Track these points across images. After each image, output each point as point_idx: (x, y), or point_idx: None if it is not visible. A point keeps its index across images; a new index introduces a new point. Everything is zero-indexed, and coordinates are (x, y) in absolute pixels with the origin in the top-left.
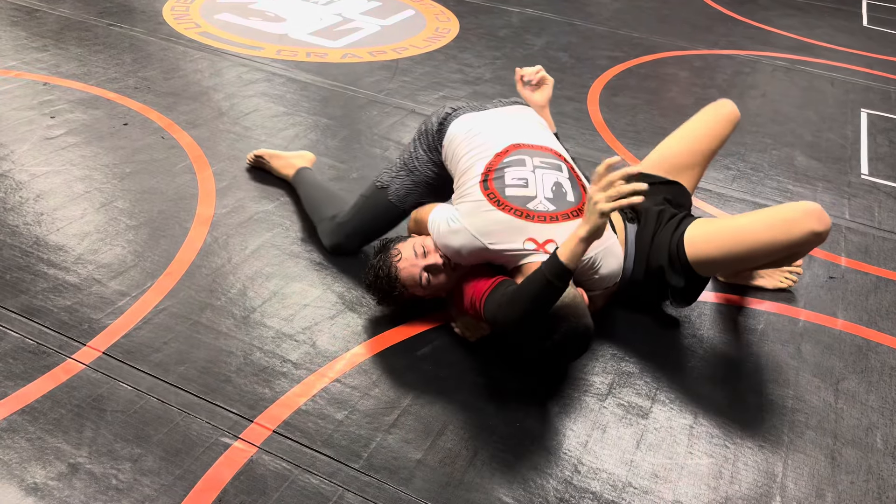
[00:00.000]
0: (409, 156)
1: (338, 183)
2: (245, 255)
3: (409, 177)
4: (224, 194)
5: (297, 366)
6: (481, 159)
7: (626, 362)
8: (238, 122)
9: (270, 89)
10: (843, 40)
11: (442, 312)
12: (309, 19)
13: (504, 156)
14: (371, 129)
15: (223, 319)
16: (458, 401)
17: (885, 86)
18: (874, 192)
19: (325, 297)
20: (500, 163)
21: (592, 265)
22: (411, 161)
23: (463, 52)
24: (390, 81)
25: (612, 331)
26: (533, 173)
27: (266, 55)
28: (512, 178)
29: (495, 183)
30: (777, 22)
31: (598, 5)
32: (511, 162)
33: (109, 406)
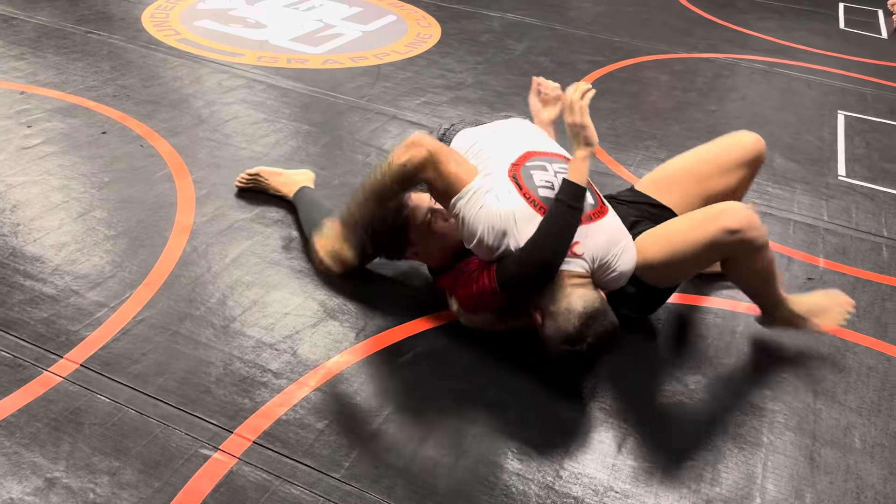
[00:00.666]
0: None
1: (320, 189)
2: (225, 264)
3: None
4: (204, 203)
5: (277, 375)
6: (500, 166)
7: (606, 366)
8: (218, 130)
9: (251, 96)
10: (819, 43)
11: (422, 320)
12: (290, 25)
13: (525, 160)
14: (353, 136)
15: (203, 329)
16: (440, 408)
17: (861, 88)
18: (851, 194)
19: (306, 305)
20: (524, 166)
21: (609, 264)
22: None
23: (444, 58)
24: (372, 87)
25: None
26: (555, 178)
27: (246, 62)
28: (540, 181)
29: (526, 182)
30: (755, 25)
31: (579, 10)
32: (534, 166)
33: (87, 419)
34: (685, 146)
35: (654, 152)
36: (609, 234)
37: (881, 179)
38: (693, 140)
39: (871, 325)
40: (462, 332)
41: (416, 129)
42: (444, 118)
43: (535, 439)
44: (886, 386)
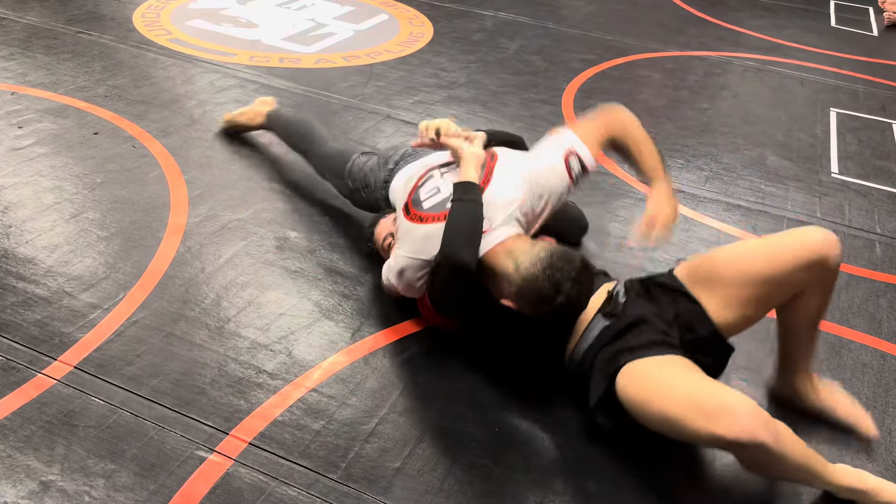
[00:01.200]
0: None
1: (313, 189)
2: (219, 265)
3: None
4: (197, 203)
5: (272, 376)
6: (403, 194)
7: None
8: (211, 130)
9: (243, 96)
10: (811, 40)
11: (418, 321)
12: (282, 25)
13: (420, 180)
14: (346, 135)
15: (197, 331)
16: (436, 408)
17: (853, 85)
18: (844, 191)
19: (301, 305)
20: (416, 187)
21: (534, 209)
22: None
23: (437, 57)
24: (365, 86)
25: None
26: (442, 178)
27: (239, 61)
28: (425, 193)
29: (415, 206)
30: (747, 23)
31: (571, 8)
32: (424, 182)
33: (82, 421)
34: (678, 144)
35: None
36: (514, 180)
37: (874, 176)
38: (686, 138)
39: (866, 321)
40: (459, 335)
41: (409, 129)
42: (437, 117)
43: (532, 440)
44: (881, 382)
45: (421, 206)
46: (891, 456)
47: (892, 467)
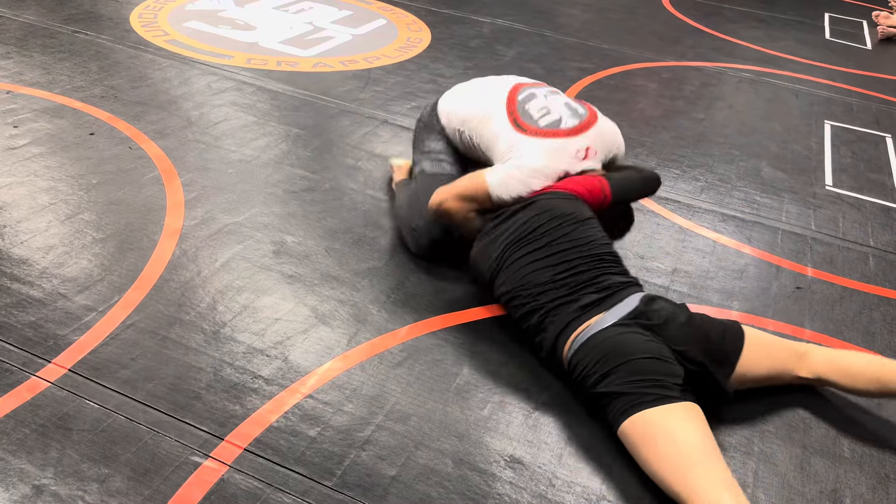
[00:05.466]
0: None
1: (310, 194)
2: (215, 268)
3: (429, 154)
4: (193, 205)
5: (268, 381)
6: (496, 107)
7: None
8: (207, 132)
9: (240, 98)
10: (806, 52)
11: (413, 327)
12: (279, 28)
13: (516, 94)
14: (343, 139)
15: (192, 334)
16: (432, 415)
17: (847, 98)
18: (838, 203)
19: (298, 310)
20: (517, 101)
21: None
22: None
23: (435, 62)
24: (362, 91)
25: None
26: (546, 99)
27: (236, 64)
28: (537, 111)
29: (525, 119)
30: (742, 34)
31: (568, 17)
32: (525, 98)
33: (75, 425)
34: (674, 154)
35: (644, 159)
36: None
37: (867, 189)
38: (682, 148)
39: (860, 334)
40: (455, 339)
41: (406, 134)
42: None
43: (528, 446)
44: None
45: (536, 123)
46: (883, 469)
47: (885, 480)
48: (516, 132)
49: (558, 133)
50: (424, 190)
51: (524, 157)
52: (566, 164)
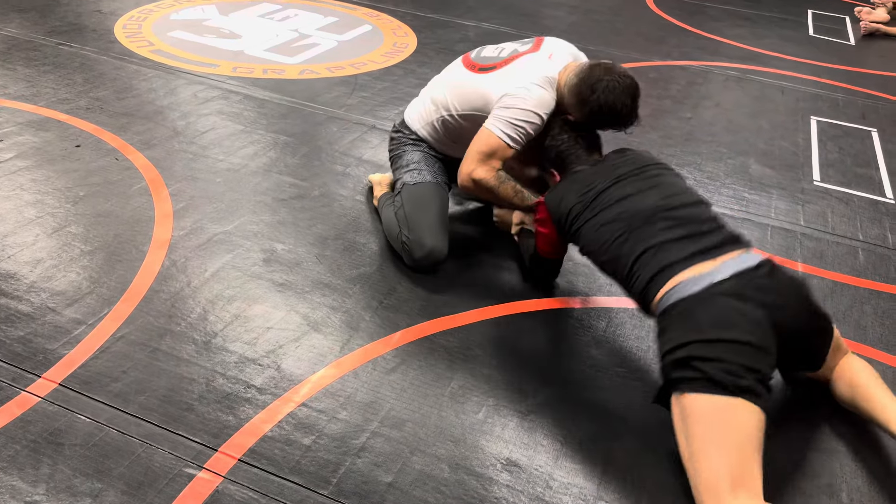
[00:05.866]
0: (396, 163)
1: (299, 201)
2: (205, 278)
3: (408, 166)
4: (181, 216)
5: (261, 391)
6: (457, 74)
7: (596, 379)
8: (194, 142)
9: (227, 107)
10: (790, 49)
11: (406, 332)
12: (265, 36)
13: (468, 56)
14: (331, 146)
15: (184, 345)
16: (427, 420)
17: (833, 94)
18: (826, 198)
19: (289, 318)
20: (471, 59)
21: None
22: (399, 162)
23: (421, 67)
24: (349, 97)
25: (585, 346)
26: (496, 45)
27: (222, 72)
28: (492, 52)
29: (485, 62)
30: (727, 32)
31: (554, 18)
32: (477, 52)
33: (67, 440)
34: (663, 153)
35: None
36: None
37: (855, 184)
38: (670, 147)
39: (852, 328)
40: (448, 343)
41: None
42: None
43: (524, 451)
44: None
45: (498, 58)
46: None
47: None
48: (483, 75)
49: (521, 55)
50: (410, 200)
51: (507, 86)
52: (544, 69)
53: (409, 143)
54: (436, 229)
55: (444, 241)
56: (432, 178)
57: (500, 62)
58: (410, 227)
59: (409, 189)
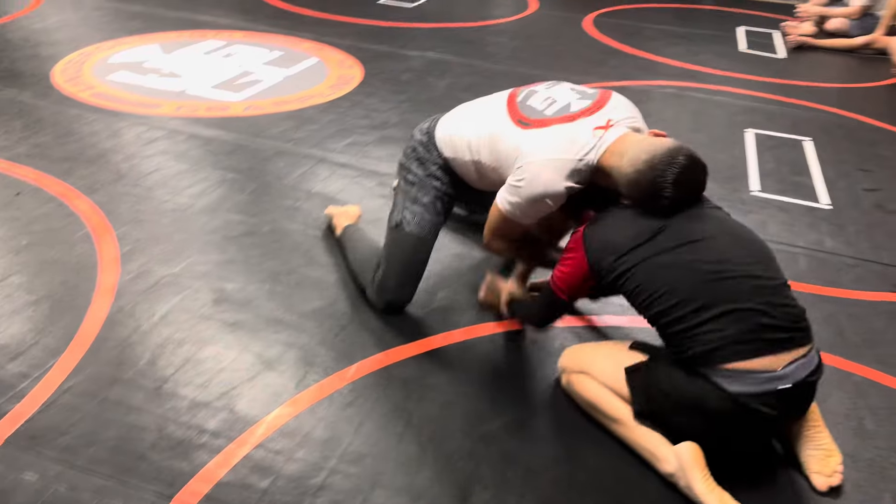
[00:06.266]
0: (406, 185)
1: (249, 238)
2: (153, 323)
3: (415, 203)
4: (128, 260)
5: (215, 435)
6: (498, 115)
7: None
8: (139, 184)
9: (172, 147)
10: (724, 65)
11: (362, 365)
12: (208, 73)
13: (515, 98)
14: (280, 181)
15: (133, 393)
16: (387, 453)
17: (766, 106)
18: (767, 207)
19: (242, 358)
20: (517, 104)
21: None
22: (408, 187)
23: (368, 98)
24: (297, 131)
25: (543, 368)
26: (549, 90)
27: (165, 112)
28: (541, 103)
29: (529, 113)
30: (663, 51)
31: (497, 45)
32: (525, 96)
33: (14, 500)
34: None
35: None
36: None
37: (792, 192)
38: None
39: None
40: (405, 374)
41: (344, 171)
42: (371, 158)
43: (483, 480)
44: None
45: (542, 114)
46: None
47: None
48: (519, 129)
49: (568, 118)
50: (399, 245)
51: (526, 154)
52: (573, 150)
53: (427, 171)
54: (411, 281)
55: (413, 293)
56: (431, 231)
57: (539, 121)
58: (386, 272)
59: (402, 234)
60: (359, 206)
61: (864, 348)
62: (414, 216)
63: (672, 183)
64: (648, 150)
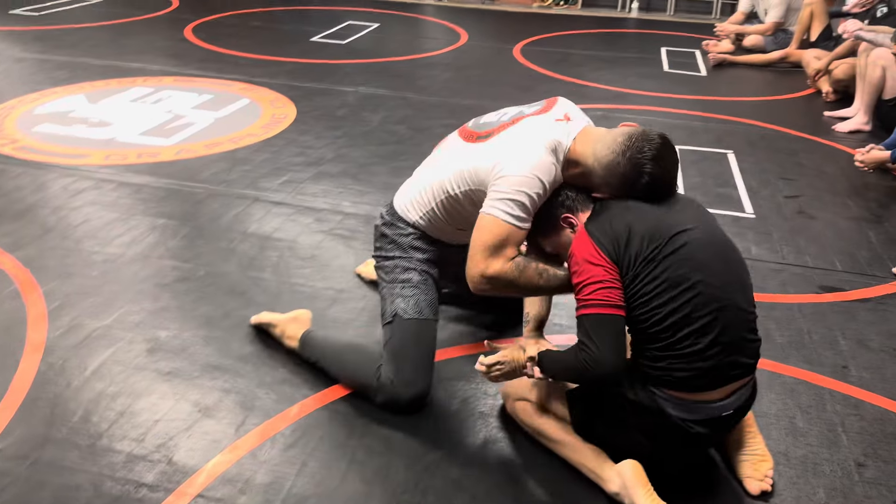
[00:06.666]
0: (387, 274)
1: (183, 283)
2: (85, 378)
3: (405, 288)
4: (57, 315)
5: (153, 488)
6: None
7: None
8: (68, 236)
9: (100, 197)
10: (649, 85)
11: (303, 404)
12: (137, 120)
13: (466, 126)
14: (214, 223)
15: (67, 452)
16: (332, 493)
17: (691, 122)
18: None
19: (178, 407)
20: (469, 128)
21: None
22: (391, 275)
23: (303, 135)
24: (230, 172)
25: (482, 394)
26: (497, 110)
27: (93, 162)
28: (492, 117)
29: (485, 127)
30: (590, 76)
31: (429, 78)
32: (476, 120)
33: None
34: None
35: None
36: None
37: (718, 203)
38: None
39: None
40: (347, 409)
41: (280, 210)
42: (307, 194)
43: None
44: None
45: (499, 122)
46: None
47: None
48: (480, 144)
49: (524, 116)
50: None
51: (501, 152)
52: (548, 133)
53: (404, 250)
54: (428, 365)
55: (432, 377)
56: (430, 310)
57: (498, 127)
58: (399, 366)
59: (403, 324)
60: (307, 311)
61: (791, 349)
62: (408, 302)
63: (651, 159)
64: (624, 133)
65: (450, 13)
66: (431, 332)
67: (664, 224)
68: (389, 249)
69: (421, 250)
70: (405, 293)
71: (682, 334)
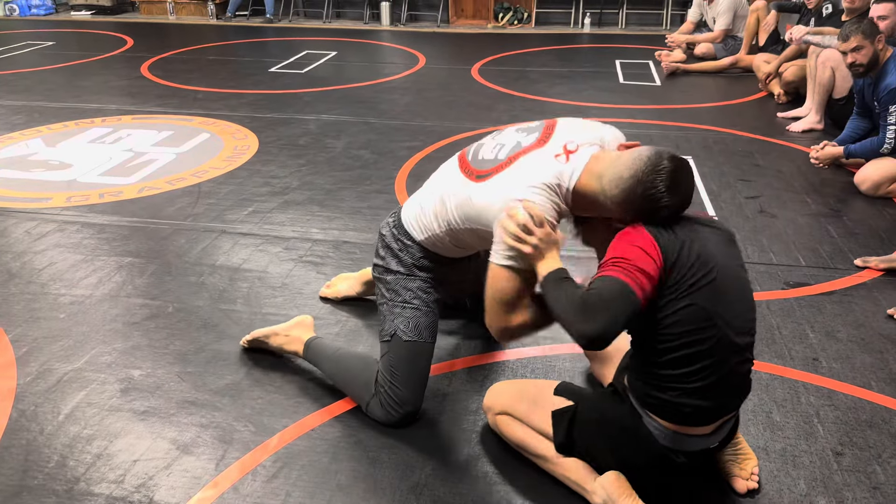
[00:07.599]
0: (388, 291)
1: (153, 321)
2: (59, 423)
3: (405, 309)
4: (25, 362)
5: None
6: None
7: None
8: (33, 281)
9: (64, 239)
10: (606, 98)
11: (283, 434)
12: (97, 160)
13: (465, 155)
14: (181, 258)
15: (44, 500)
16: None
17: (648, 131)
18: None
19: (157, 446)
20: (468, 162)
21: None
22: (392, 293)
23: (266, 165)
24: (194, 206)
25: (467, 411)
26: (495, 139)
27: (55, 205)
28: (490, 152)
29: (483, 165)
30: (548, 91)
31: (389, 102)
32: (475, 153)
33: None
34: None
35: None
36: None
37: None
38: None
39: None
40: (329, 434)
41: (248, 240)
42: (274, 224)
43: None
44: None
45: (495, 161)
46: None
47: None
48: (480, 184)
49: (522, 151)
50: (402, 355)
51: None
52: (548, 172)
53: (408, 268)
54: (422, 384)
55: (421, 400)
56: (428, 333)
57: (497, 166)
58: (396, 383)
59: (400, 344)
60: (309, 317)
61: (763, 346)
62: (408, 323)
63: (666, 191)
64: (629, 166)
65: (406, 38)
66: (427, 354)
67: (707, 251)
68: (393, 264)
69: (425, 269)
70: (406, 314)
71: (692, 368)
